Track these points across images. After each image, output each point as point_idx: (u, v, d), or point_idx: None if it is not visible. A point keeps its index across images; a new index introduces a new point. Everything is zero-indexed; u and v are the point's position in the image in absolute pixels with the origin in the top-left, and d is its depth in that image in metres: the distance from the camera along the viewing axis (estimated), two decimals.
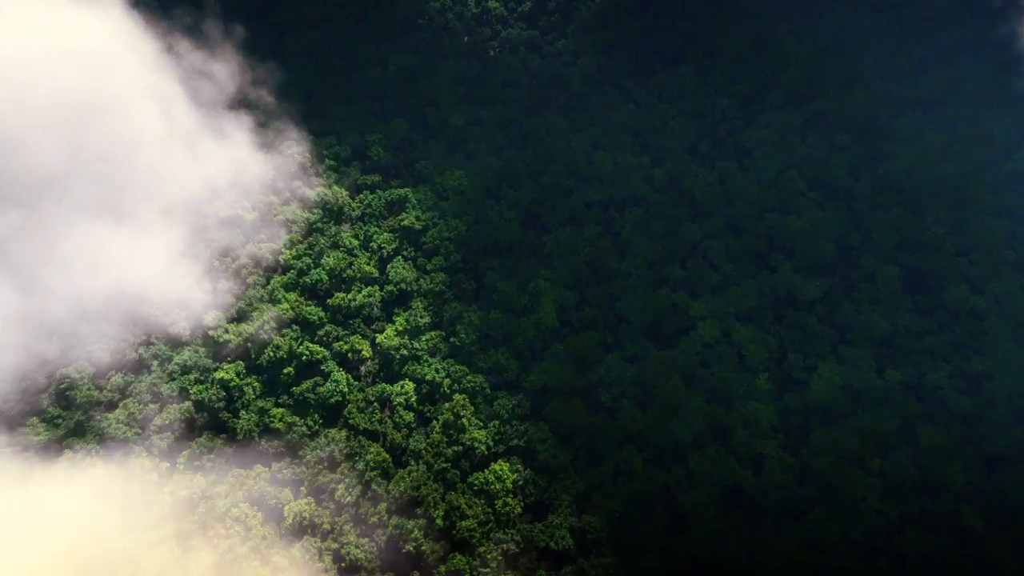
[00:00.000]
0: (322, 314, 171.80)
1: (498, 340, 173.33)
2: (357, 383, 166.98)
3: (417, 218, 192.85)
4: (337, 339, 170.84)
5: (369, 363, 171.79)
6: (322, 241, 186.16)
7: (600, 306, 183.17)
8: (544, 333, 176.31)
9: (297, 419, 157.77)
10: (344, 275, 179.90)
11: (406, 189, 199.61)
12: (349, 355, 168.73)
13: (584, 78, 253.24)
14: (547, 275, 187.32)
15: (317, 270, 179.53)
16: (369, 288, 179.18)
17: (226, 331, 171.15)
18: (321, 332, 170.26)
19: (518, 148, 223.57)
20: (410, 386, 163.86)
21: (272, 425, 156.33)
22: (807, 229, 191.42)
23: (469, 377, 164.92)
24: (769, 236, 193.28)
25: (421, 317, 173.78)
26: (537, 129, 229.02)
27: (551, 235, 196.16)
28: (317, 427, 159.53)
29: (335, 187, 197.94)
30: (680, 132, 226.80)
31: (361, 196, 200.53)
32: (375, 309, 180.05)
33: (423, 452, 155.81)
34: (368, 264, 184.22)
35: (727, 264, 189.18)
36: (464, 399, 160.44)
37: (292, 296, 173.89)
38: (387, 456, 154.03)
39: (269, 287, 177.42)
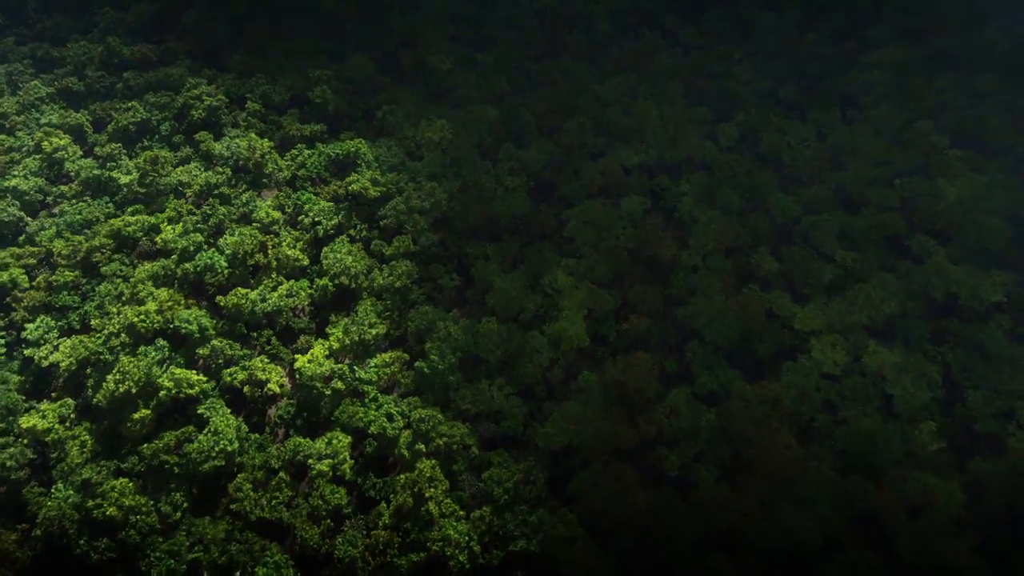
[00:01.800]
0: (207, 321, 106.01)
1: (493, 367, 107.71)
2: (255, 437, 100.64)
3: (373, 182, 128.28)
4: (229, 363, 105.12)
5: (280, 404, 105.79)
6: (222, 212, 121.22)
7: (653, 314, 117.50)
8: (567, 356, 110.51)
9: (144, 501, 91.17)
10: (252, 262, 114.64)
11: (359, 141, 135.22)
12: (246, 390, 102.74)
13: (612, 17, 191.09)
14: (569, 267, 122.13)
15: (210, 252, 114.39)
16: (291, 283, 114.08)
17: (53, 349, 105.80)
18: (203, 351, 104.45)
19: (524, 96, 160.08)
20: (343, 442, 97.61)
21: (100, 512, 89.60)
22: (964, 201, 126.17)
23: (444, 428, 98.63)
24: (906, 211, 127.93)
25: (371, 327, 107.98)
26: (550, 74, 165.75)
27: (574, 210, 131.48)
28: (179, 515, 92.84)
29: (255, 139, 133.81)
30: (751, 77, 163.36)
31: (294, 152, 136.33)
32: (298, 316, 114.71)
33: (358, 562, 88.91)
34: (294, 247, 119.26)
35: (844, 251, 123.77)
36: (434, 466, 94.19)
37: (164, 293, 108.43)
38: (292, 573, 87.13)
39: (133, 280, 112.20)
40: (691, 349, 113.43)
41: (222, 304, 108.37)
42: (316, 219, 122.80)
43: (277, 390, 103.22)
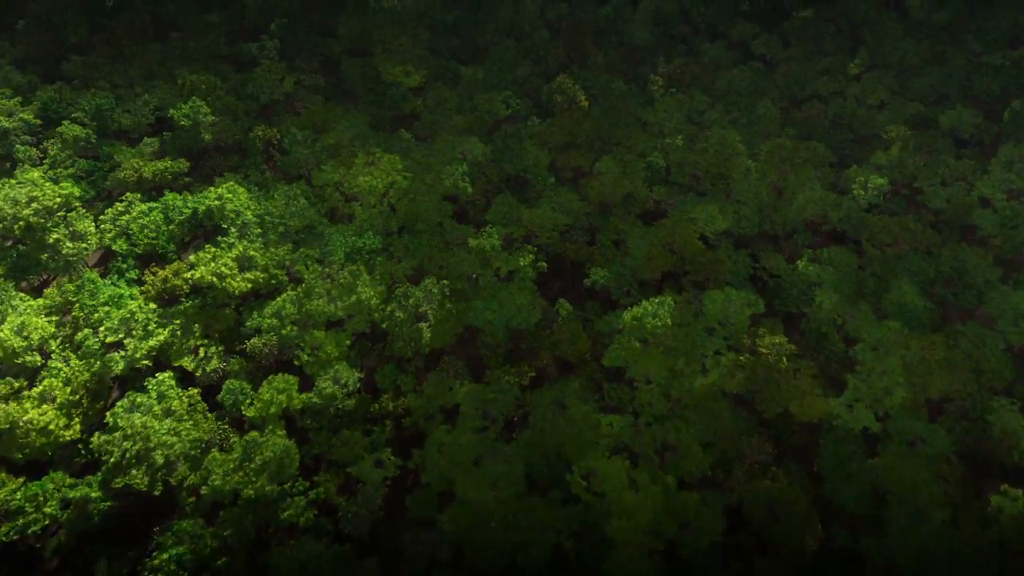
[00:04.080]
0: None
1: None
2: None
3: (243, 264, 67.95)
4: None
5: None
6: None
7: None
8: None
9: None
10: None
11: (230, 187, 75.86)
12: None
13: (652, 25, 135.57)
14: (616, 440, 60.13)
15: None
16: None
17: None
18: None
19: (531, 124, 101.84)
20: None
21: None
22: None
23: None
24: None
25: None
26: (571, 93, 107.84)
27: (621, 319, 70.55)
28: None
29: (49, 186, 74.41)
30: (885, 97, 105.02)
31: (119, 206, 76.75)
32: None
33: None
34: (51, 402, 57.56)
35: None
36: None
37: None
38: None
39: None
40: None
41: None
42: (115, 336, 61.66)
43: None
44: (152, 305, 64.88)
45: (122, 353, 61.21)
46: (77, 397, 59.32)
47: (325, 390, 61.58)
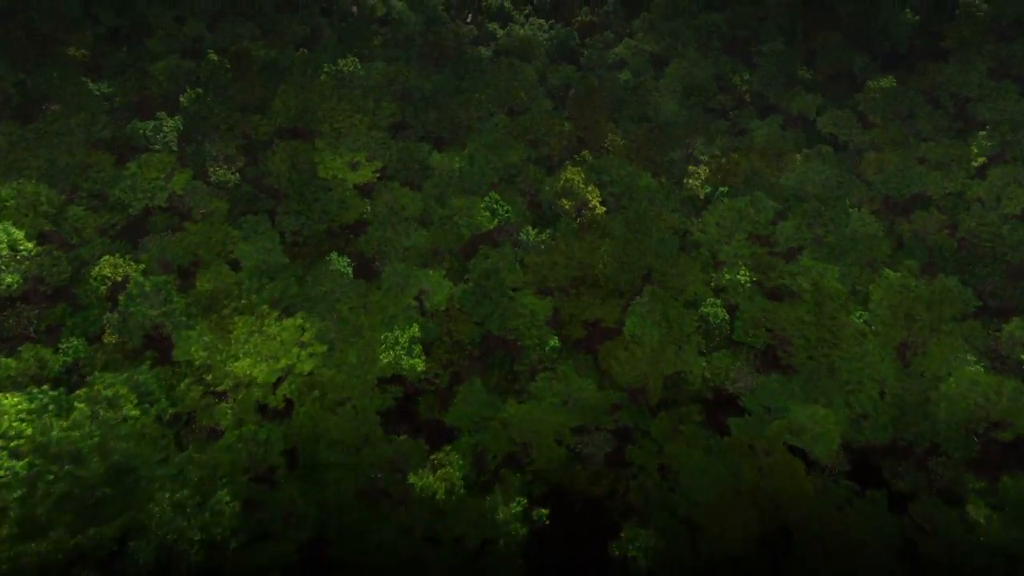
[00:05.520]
0: None
1: None
2: None
3: None
4: None
5: None
6: None
7: None
8: None
9: None
10: None
11: None
12: None
13: (684, 97, 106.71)
14: None
15: None
16: None
17: None
18: None
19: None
20: None
21: None
22: None
23: None
24: None
25: None
26: (576, 192, 77.19)
27: None
28: None
29: None
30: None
31: None
32: None
33: None
34: None
35: None
36: None
37: None
38: None
39: None
40: None
41: None
42: None
43: None
44: None
45: None
46: None
47: None
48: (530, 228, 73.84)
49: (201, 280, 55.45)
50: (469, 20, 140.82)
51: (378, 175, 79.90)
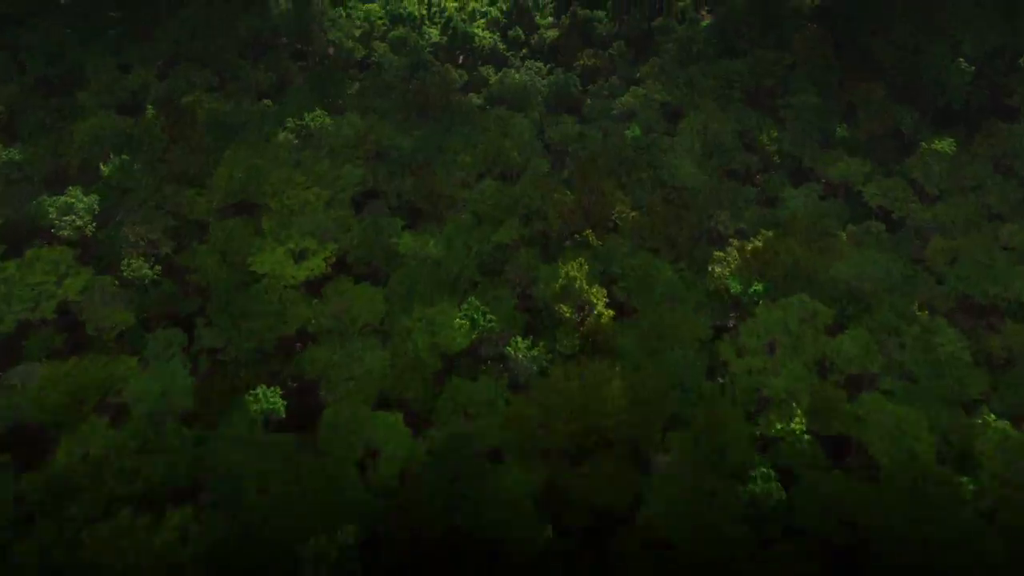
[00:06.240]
0: None
1: None
2: None
3: None
4: None
5: None
6: None
7: None
8: None
9: None
10: None
11: None
12: None
13: (703, 158, 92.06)
14: None
15: None
16: None
17: None
18: None
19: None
20: None
21: None
22: None
23: None
24: None
25: None
26: (577, 292, 61.82)
27: None
28: None
29: None
30: None
31: None
32: None
33: None
34: None
35: None
36: None
37: None
38: None
39: None
40: None
41: None
42: None
43: None
44: None
45: None
46: None
47: None
48: (519, 340, 58.47)
49: (60, 453, 39.88)
50: (461, 61, 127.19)
51: (332, 263, 64.91)
